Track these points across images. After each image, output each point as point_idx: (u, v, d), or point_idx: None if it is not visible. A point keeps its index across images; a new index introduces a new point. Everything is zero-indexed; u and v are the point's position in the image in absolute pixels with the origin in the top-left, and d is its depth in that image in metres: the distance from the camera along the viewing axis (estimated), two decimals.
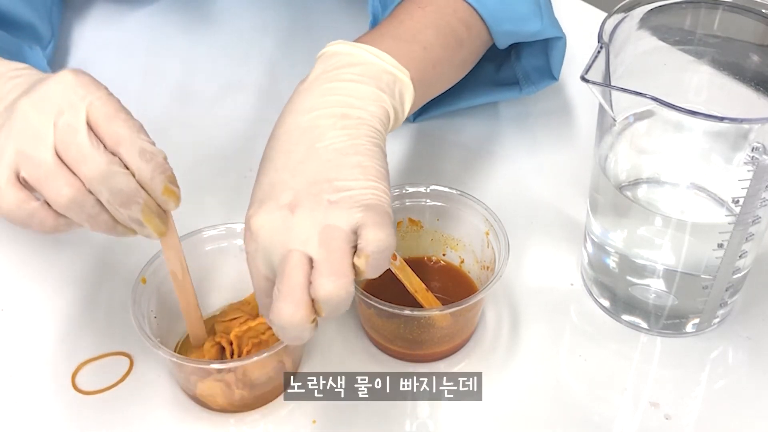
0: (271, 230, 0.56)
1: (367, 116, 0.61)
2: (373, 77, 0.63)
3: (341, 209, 0.55)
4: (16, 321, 0.72)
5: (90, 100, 0.53)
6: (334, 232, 0.55)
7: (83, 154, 0.52)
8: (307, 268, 0.54)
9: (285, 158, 0.59)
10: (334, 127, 0.59)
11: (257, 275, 0.57)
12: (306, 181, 0.57)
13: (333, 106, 0.61)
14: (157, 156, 0.54)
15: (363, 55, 0.64)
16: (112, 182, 0.53)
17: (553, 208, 0.80)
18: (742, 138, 0.61)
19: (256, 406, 0.65)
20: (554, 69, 0.84)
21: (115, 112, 0.53)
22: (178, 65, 0.96)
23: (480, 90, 0.87)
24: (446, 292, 0.70)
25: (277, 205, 0.56)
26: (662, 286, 0.68)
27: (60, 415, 0.65)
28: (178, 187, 0.56)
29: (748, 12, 0.65)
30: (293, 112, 0.61)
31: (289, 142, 0.59)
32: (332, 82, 0.62)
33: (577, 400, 0.67)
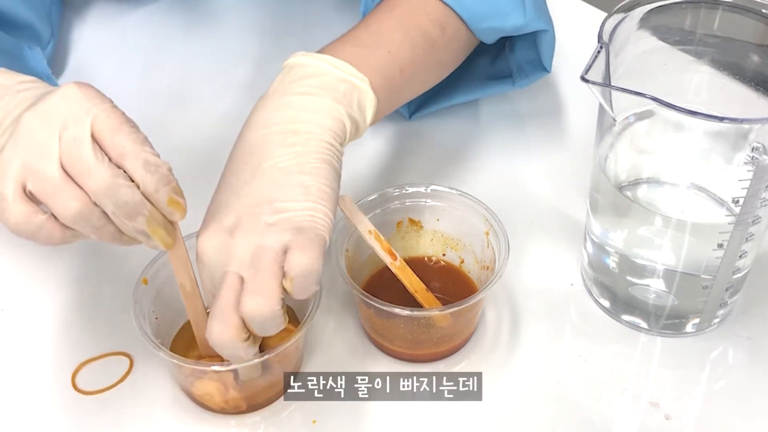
0: (213, 252, 0.59)
1: (317, 130, 0.62)
2: (329, 88, 0.64)
3: (275, 231, 0.58)
4: (16, 321, 0.72)
5: (95, 113, 0.53)
6: (264, 252, 0.57)
7: (88, 167, 0.52)
8: (239, 288, 0.57)
9: (234, 178, 0.61)
10: (282, 144, 0.61)
11: (207, 293, 0.61)
12: (248, 203, 0.59)
13: (285, 122, 0.62)
14: (161, 168, 0.54)
15: (320, 66, 0.65)
16: (117, 195, 0.53)
17: (553, 208, 0.80)
18: (742, 138, 0.61)
19: (255, 408, 0.65)
20: (545, 61, 0.84)
21: (119, 125, 0.53)
22: (177, 65, 0.96)
23: (474, 85, 0.86)
24: (446, 292, 0.70)
25: (221, 227, 0.59)
26: (662, 286, 0.68)
27: (60, 415, 0.65)
28: (183, 198, 0.56)
29: (748, 12, 0.65)
30: (248, 127, 0.63)
31: (240, 161, 0.62)
32: (287, 96, 0.63)
33: (577, 400, 0.67)
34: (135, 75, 0.94)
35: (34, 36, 0.86)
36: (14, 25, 0.83)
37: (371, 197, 0.72)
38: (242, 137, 0.63)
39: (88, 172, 0.52)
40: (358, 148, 0.85)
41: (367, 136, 0.87)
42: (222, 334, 0.57)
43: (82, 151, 0.52)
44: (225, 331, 0.57)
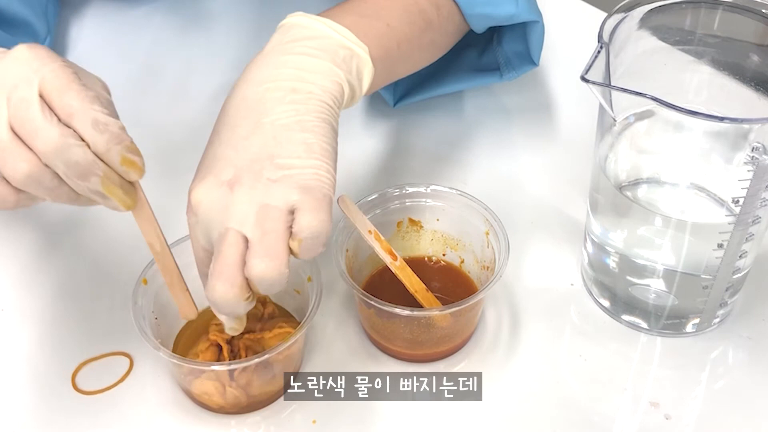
0: (209, 206, 0.57)
1: (318, 91, 0.60)
2: (329, 51, 0.63)
3: (279, 189, 0.56)
4: (16, 321, 0.72)
5: (43, 74, 0.52)
6: (270, 213, 0.55)
7: (36, 127, 0.51)
8: (242, 247, 0.56)
9: (230, 132, 0.59)
10: (282, 102, 0.59)
11: (197, 246, 0.59)
12: (248, 158, 0.57)
13: (284, 79, 0.60)
14: (111, 126, 0.53)
15: (321, 29, 0.64)
16: (67, 155, 0.52)
17: (553, 208, 0.80)
18: (742, 138, 0.61)
19: (254, 408, 0.65)
20: (534, 54, 0.83)
21: (67, 84, 0.52)
22: (176, 64, 0.96)
23: (462, 75, 0.86)
24: (446, 292, 0.70)
25: (218, 181, 0.57)
26: (662, 286, 0.68)
27: (60, 415, 0.65)
28: (139, 157, 0.54)
29: (748, 12, 0.65)
30: (244, 83, 0.61)
31: (236, 115, 0.60)
32: (286, 55, 0.62)
33: (577, 400, 0.67)
34: (133, 73, 0.94)
35: (30, 33, 0.86)
36: (9, 21, 0.83)
37: (371, 197, 0.71)
38: (238, 92, 0.61)
39: (36, 132, 0.52)
40: (357, 148, 0.85)
41: (367, 135, 0.88)
42: (226, 293, 0.56)
43: (29, 112, 0.52)
44: (229, 290, 0.56)
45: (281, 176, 0.56)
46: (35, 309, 0.72)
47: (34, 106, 0.52)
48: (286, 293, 0.69)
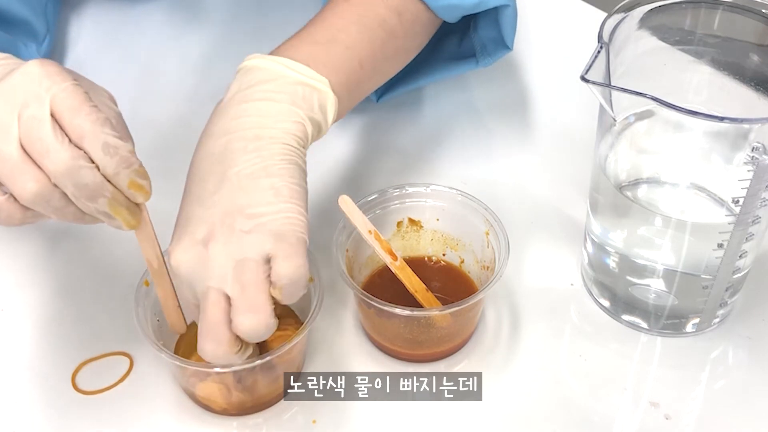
0: (189, 267, 0.58)
1: (280, 134, 0.61)
2: (287, 92, 0.63)
3: (253, 240, 0.57)
4: (16, 321, 0.72)
5: (54, 92, 0.52)
6: (247, 266, 0.56)
7: (47, 147, 0.52)
8: (225, 304, 0.57)
9: (200, 189, 0.60)
10: (245, 151, 0.60)
11: (187, 304, 0.60)
12: (219, 213, 0.58)
13: (246, 128, 0.61)
14: (121, 150, 0.53)
15: (277, 69, 0.64)
16: (77, 177, 0.52)
17: (553, 208, 0.80)
18: (742, 138, 0.61)
19: (257, 410, 0.65)
20: (507, 38, 0.82)
21: (79, 105, 0.52)
22: (175, 63, 0.96)
23: (440, 66, 0.85)
24: (446, 292, 0.70)
25: (193, 240, 0.58)
26: (662, 286, 0.68)
27: (60, 415, 0.65)
28: (146, 180, 0.55)
29: (748, 12, 0.65)
30: (208, 137, 0.62)
31: (203, 170, 0.61)
32: (246, 103, 0.62)
33: (577, 400, 0.67)
34: (132, 73, 0.94)
35: (29, 32, 0.86)
36: (8, 21, 0.83)
37: (371, 197, 0.71)
38: (202, 146, 0.62)
39: (48, 152, 0.52)
40: (357, 148, 0.85)
41: (366, 135, 0.87)
42: (215, 350, 0.57)
43: (41, 131, 0.52)
44: (218, 348, 0.57)
45: (253, 226, 0.57)
46: (35, 309, 0.72)
47: (46, 125, 0.52)
48: None
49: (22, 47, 0.83)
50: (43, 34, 0.89)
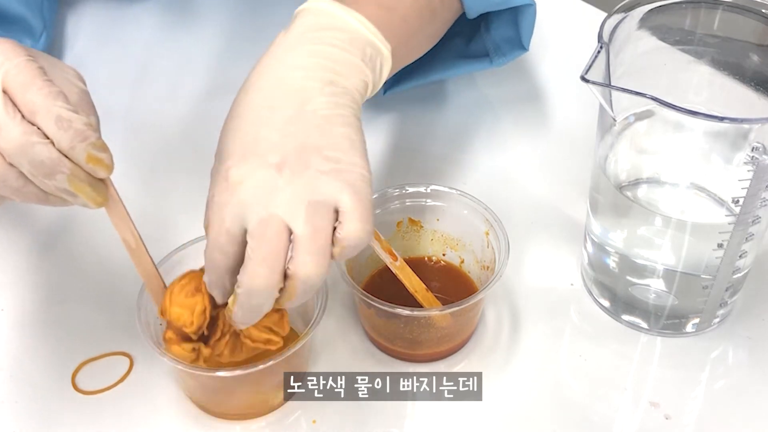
0: (254, 187, 0.54)
1: (351, 87, 0.59)
2: (359, 48, 0.61)
3: (329, 185, 0.54)
4: (16, 321, 0.72)
5: (6, 69, 0.51)
6: (321, 211, 0.54)
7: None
8: (287, 237, 0.54)
9: (270, 114, 0.57)
10: (322, 93, 0.57)
11: (219, 228, 0.55)
12: (295, 144, 0.55)
13: (320, 69, 0.58)
14: (74, 123, 0.51)
15: (348, 21, 0.62)
16: (31, 153, 0.51)
17: (553, 208, 0.80)
18: (742, 138, 0.61)
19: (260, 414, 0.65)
20: (524, 39, 0.82)
21: (30, 79, 0.51)
22: (171, 61, 0.96)
23: (451, 62, 0.85)
24: (446, 292, 0.70)
25: (264, 162, 0.55)
26: (662, 286, 0.68)
27: (60, 415, 0.65)
28: (106, 153, 0.53)
29: (748, 12, 0.65)
30: (277, 66, 0.59)
31: (274, 97, 0.57)
32: (318, 45, 0.60)
33: (577, 400, 0.67)
34: (129, 71, 0.94)
35: (26, 29, 0.85)
36: (5, 18, 0.82)
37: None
38: (270, 71, 0.59)
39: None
40: None
41: (366, 135, 0.87)
42: (269, 279, 0.54)
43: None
44: (271, 276, 0.53)
45: (330, 169, 0.55)
46: (35, 309, 0.72)
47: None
48: None
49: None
50: (40, 31, 0.89)
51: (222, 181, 0.55)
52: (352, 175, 0.55)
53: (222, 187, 0.55)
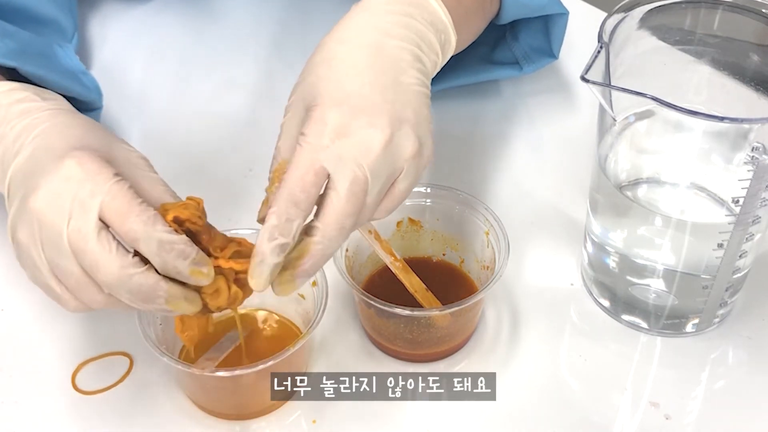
0: (357, 143, 0.55)
1: (429, 67, 0.61)
2: (439, 30, 0.63)
3: (409, 168, 0.57)
4: (16, 321, 0.72)
5: (100, 198, 0.52)
6: (386, 184, 0.57)
7: (96, 261, 0.52)
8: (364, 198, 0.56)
9: (372, 75, 0.58)
10: (412, 67, 0.59)
11: (308, 167, 0.55)
12: (393, 113, 0.56)
13: (411, 43, 0.60)
14: (177, 244, 0.53)
15: (435, 7, 0.63)
16: (129, 285, 0.52)
17: (553, 208, 0.80)
18: (742, 138, 0.61)
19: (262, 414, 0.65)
20: (554, 47, 0.83)
21: (128, 207, 0.52)
22: (178, 62, 0.96)
23: (479, 68, 0.86)
24: (446, 292, 0.70)
25: (369, 122, 0.56)
26: (662, 286, 0.68)
27: (60, 415, 0.65)
28: (206, 264, 0.54)
29: (748, 12, 0.65)
30: (371, 27, 0.60)
31: (376, 62, 0.58)
32: (407, 18, 0.61)
33: (577, 400, 0.67)
34: (136, 72, 0.94)
35: (60, 31, 0.85)
36: (40, 21, 0.82)
37: None
38: (367, 33, 0.59)
39: (97, 266, 0.52)
40: None
41: None
42: (348, 231, 0.56)
43: (87, 245, 0.52)
44: (351, 229, 0.56)
45: (415, 152, 0.57)
46: (35, 309, 0.72)
47: (91, 238, 0.52)
48: (289, 298, 0.68)
49: (58, 48, 0.81)
50: (72, 32, 0.88)
51: (319, 122, 0.55)
52: (424, 161, 0.58)
53: (318, 129, 0.55)
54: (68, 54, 0.82)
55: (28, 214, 0.54)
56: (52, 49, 0.80)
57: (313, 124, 0.56)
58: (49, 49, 0.79)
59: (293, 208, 0.54)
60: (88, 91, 0.80)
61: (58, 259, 0.54)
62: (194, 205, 0.55)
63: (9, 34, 0.73)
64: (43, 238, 0.54)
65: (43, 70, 0.71)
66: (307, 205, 0.54)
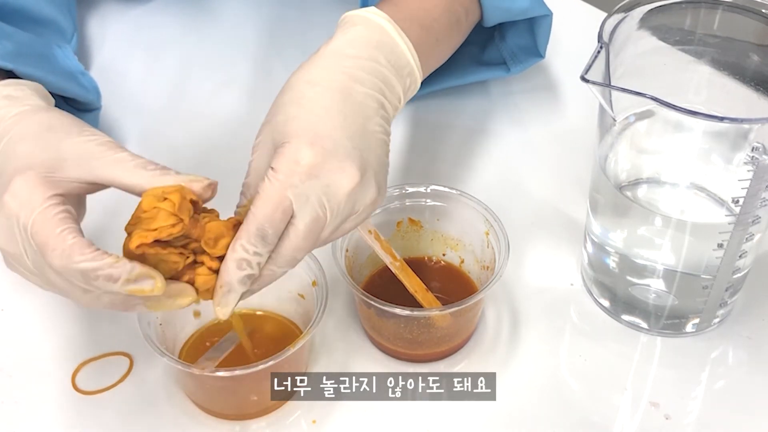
0: (327, 185, 0.56)
1: (390, 113, 0.62)
2: (403, 75, 0.64)
3: (366, 211, 0.59)
4: (16, 321, 0.72)
5: (25, 229, 0.53)
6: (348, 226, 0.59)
7: (67, 290, 0.54)
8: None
9: (342, 119, 0.58)
10: (377, 114, 0.60)
11: (277, 204, 0.55)
12: (363, 159, 0.58)
13: (376, 90, 0.61)
14: (101, 270, 0.51)
15: (399, 44, 0.64)
16: (103, 303, 0.54)
17: (553, 208, 0.80)
18: (742, 138, 0.61)
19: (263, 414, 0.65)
20: (540, 46, 0.84)
21: (44, 241, 0.52)
22: (176, 62, 0.96)
23: (468, 69, 0.86)
24: (446, 292, 0.70)
25: (341, 165, 0.57)
26: (662, 286, 0.68)
27: (60, 415, 0.65)
28: (150, 277, 0.52)
29: (748, 12, 0.65)
30: (339, 70, 0.61)
31: (344, 104, 0.59)
32: (374, 63, 0.62)
33: (577, 400, 0.67)
34: (135, 71, 0.94)
35: (59, 31, 0.85)
36: (39, 22, 0.81)
37: None
38: (336, 75, 0.60)
39: (70, 293, 0.54)
40: None
41: None
42: (301, 258, 0.57)
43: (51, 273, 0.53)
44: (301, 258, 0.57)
45: (375, 198, 0.59)
46: (35, 309, 0.72)
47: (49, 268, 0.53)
48: (289, 298, 0.68)
49: (57, 49, 0.81)
50: (71, 32, 0.88)
51: (290, 160, 0.56)
52: (376, 205, 0.60)
53: (288, 166, 0.56)
54: (67, 55, 0.82)
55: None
56: (51, 49, 0.80)
57: (283, 160, 0.56)
58: (47, 50, 0.79)
59: (261, 242, 0.55)
60: (87, 92, 0.80)
61: (40, 275, 0.55)
62: (169, 207, 0.52)
63: (7, 35, 0.73)
64: (19, 262, 0.55)
65: (41, 72, 0.71)
66: (273, 239, 0.55)
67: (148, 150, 0.62)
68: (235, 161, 0.84)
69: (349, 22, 0.65)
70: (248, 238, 0.54)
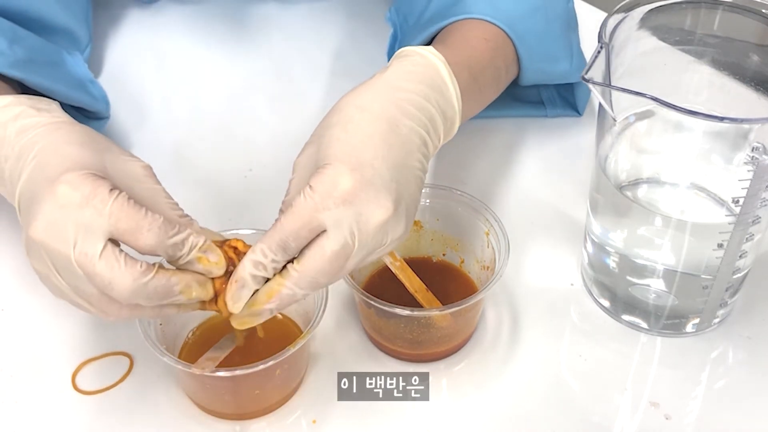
0: (361, 213, 0.56)
1: (430, 152, 0.63)
2: (447, 118, 0.64)
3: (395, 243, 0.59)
4: (16, 321, 0.72)
5: (104, 220, 0.53)
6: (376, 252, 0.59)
7: (108, 281, 0.53)
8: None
9: (386, 150, 0.58)
10: (418, 150, 0.61)
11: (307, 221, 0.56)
12: (400, 194, 0.58)
13: (422, 127, 0.62)
14: (187, 243, 0.55)
15: (449, 88, 0.65)
16: (146, 291, 0.54)
17: (553, 208, 0.80)
18: (742, 138, 0.61)
19: (264, 413, 0.65)
20: (579, 106, 0.86)
21: (135, 224, 0.53)
22: (182, 66, 0.96)
23: (506, 103, 0.86)
24: (446, 292, 0.70)
25: (378, 195, 0.57)
26: (662, 286, 0.68)
27: (60, 415, 0.65)
28: (215, 253, 0.57)
29: (748, 12, 0.65)
30: (391, 101, 0.61)
31: (389, 134, 0.59)
32: (424, 100, 0.62)
33: (577, 400, 0.67)
34: (147, 76, 0.94)
35: (73, 40, 0.85)
36: (52, 29, 0.82)
37: None
38: (387, 105, 0.61)
39: (110, 285, 0.53)
40: None
41: None
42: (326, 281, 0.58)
43: (96, 269, 0.53)
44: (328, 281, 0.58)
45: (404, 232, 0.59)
46: (35, 309, 0.72)
47: (99, 261, 0.53)
48: None
49: (67, 56, 0.81)
50: (86, 42, 0.88)
51: (328, 181, 0.56)
52: (402, 240, 0.59)
53: (326, 188, 0.56)
54: (77, 62, 0.82)
55: (34, 244, 0.55)
56: (61, 56, 0.80)
57: (322, 180, 0.56)
58: (57, 57, 0.79)
59: (281, 252, 0.56)
60: (95, 101, 0.80)
61: (75, 282, 0.55)
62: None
63: (19, 38, 0.73)
64: (55, 265, 0.55)
65: (50, 80, 0.71)
66: (294, 252, 0.57)
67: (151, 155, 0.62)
68: (237, 162, 0.84)
69: (406, 56, 0.65)
70: (270, 246, 0.56)
